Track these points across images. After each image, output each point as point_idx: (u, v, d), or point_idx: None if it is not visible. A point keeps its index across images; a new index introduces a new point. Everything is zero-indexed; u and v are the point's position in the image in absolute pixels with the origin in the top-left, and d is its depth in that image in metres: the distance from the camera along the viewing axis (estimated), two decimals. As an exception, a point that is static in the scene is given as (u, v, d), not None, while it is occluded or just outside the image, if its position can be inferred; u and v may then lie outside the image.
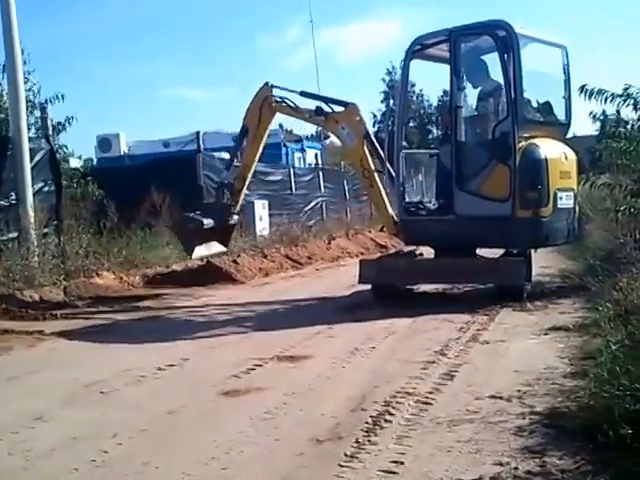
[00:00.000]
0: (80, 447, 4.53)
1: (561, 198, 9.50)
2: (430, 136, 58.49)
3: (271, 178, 19.43)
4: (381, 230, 12.79)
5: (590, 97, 8.24)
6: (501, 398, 5.13)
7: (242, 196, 11.74)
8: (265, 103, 11.17)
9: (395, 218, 10.38)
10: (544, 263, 12.52)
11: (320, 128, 21.28)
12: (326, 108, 10.90)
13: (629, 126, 8.99)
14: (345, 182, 23.79)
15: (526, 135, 9.44)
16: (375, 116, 62.52)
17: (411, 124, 63.52)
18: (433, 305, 9.39)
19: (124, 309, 10.10)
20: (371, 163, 10.58)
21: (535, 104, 10.07)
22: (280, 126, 23.40)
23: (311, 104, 11.06)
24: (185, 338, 7.99)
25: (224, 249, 11.91)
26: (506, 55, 9.33)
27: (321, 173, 22.99)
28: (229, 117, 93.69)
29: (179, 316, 9.54)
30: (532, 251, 10.15)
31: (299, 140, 27.05)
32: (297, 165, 24.89)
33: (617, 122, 11.05)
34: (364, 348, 7.02)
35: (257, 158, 11.67)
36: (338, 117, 10.79)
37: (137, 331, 8.55)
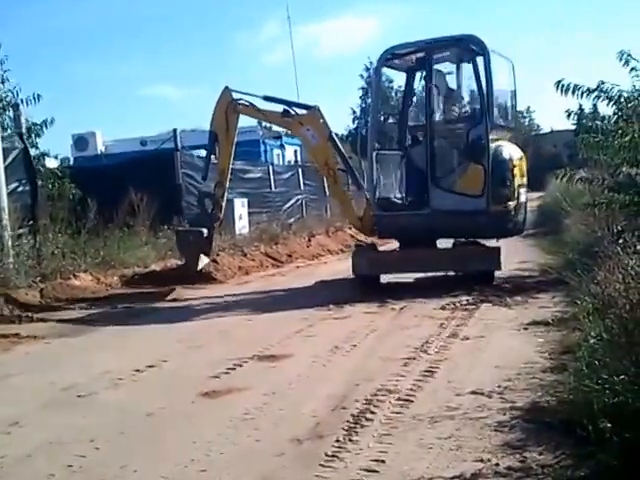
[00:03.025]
0: (57, 452, 4.48)
1: (521, 193, 10.44)
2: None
3: (250, 176, 19.40)
4: (355, 228, 12.95)
5: (566, 92, 8.27)
6: (482, 394, 5.15)
7: (224, 202, 12.05)
8: (229, 107, 11.57)
9: (359, 214, 11.14)
10: (523, 257, 12.59)
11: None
12: (291, 112, 11.39)
13: (605, 120, 9.03)
14: (325, 179, 23.81)
15: (493, 138, 10.27)
16: (354, 112, 62.60)
17: (391, 120, 63.64)
18: (411, 295, 9.67)
19: (102, 310, 10.04)
20: (335, 162, 11.24)
21: (498, 111, 10.88)
22: (259, 123, 23.31)
23: (275, 108, 11.53)
24: (164, 339, 7.96)
25: (207, 260, 12.22)
26: (478, 67, 10.22)
27: (301, 170, 22.97)
28: (206, 115, 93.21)
29: (158, 317, 9.48)
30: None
31: (278, 137, 26.93)
32: (276, 162, 24.86)
33: (594, 117, 11.21)
34: (345, 346, 7.02)
35: (231, 161, 12.03)
36: (303, 119, 11.34)
37: (115, 333, 8.49)
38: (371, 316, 8.60)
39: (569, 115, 9.77)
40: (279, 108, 11.46)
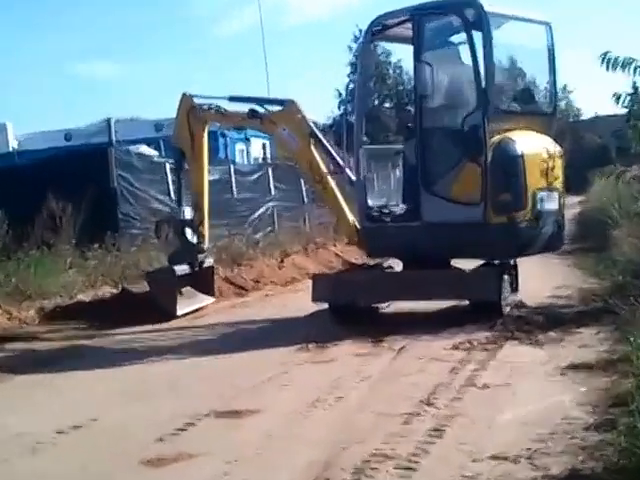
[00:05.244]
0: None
1: (542, 200, 10.29)
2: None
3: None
4: (349, 243, 13.19)
5: (614, 68, 8.32)
6: (505, 459, 5.14)
7: (206, 228, 12.62)
8: (192, 116, 12.08)
9: (358, 226, 11.11)
10: (559, 281, 12.63)
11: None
12: (261, 110, 11.72)
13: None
14: (302, 181, 23.81)
15: (501, 128, 10.21)
16: (340, 94, 62.77)
17: (387, 104, 63.94)
18: (413, 331, 9.65)
19: (14, 353, 9.98)
20: (322, 165, 11.38)
21: (512, 92, 11.07)
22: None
23: (243, 108, 11.94)
24: (97, 389, 7.92)
25: (211, 299, 12.94)
26: (475, 37, 10.16)
27: (271, 170, 23.00)
28: (151, 99, 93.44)
29: (89, 361, 9.42)
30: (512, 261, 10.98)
31: (241, 127, 26.98)
32: (240, 160, 24.87)
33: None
34: (328, 398, 6.99)
35: (207, 179, 12.58)
36: (276, 118, 11.64)
37: (30, 383, 8.42)
38: (362, 359, 8.59)
39: (618, 98, 9.80)
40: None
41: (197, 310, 12.57)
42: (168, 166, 16.67)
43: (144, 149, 19.79)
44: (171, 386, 7.93)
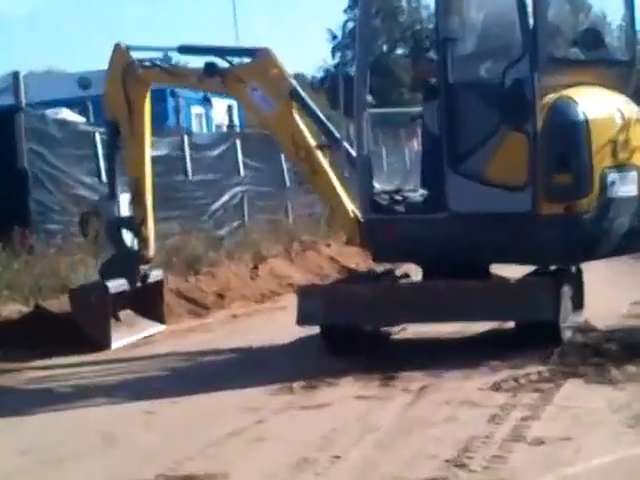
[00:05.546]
0: None
1: (614, 182, 10.20)
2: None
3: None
4: (348, 242, 13.24)
5: None
6: None
7: (151, 228, 12.64)
8: (128, 74, 11.99)
9: (360, 218, 11.05)
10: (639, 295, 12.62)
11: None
12: (223, 63, 11.68)
13: None
14: (283, 157, 23.76)
15: (557, 83, 10.15)
16: (335, 37, 63.01)
17: (399, 50, 64.14)
18: (436, 365, 9.63)
19: None
20: (309, 137, 11.38)
21: (572, 34, 11.05)
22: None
23: (198, 62, 12.05)
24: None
25: (161, 326, 12.99)
26: None
27: (239, 141, 23.03)
28: (74, 45, 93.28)
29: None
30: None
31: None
32: (197, 128, 24.83)
33: None
34: (320, 458, 6.95)
35: (149, 158, 12.56)
36: (243, 73, 11.61)
37: None
38: (367, 404, 8.58)
39: None
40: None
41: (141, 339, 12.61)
42: (99, 137, 16.60)
43: (66, 114, 19.74)
44: (104, 442, 7.88)
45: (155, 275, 12.96)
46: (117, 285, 12.16)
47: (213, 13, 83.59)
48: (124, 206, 12.53)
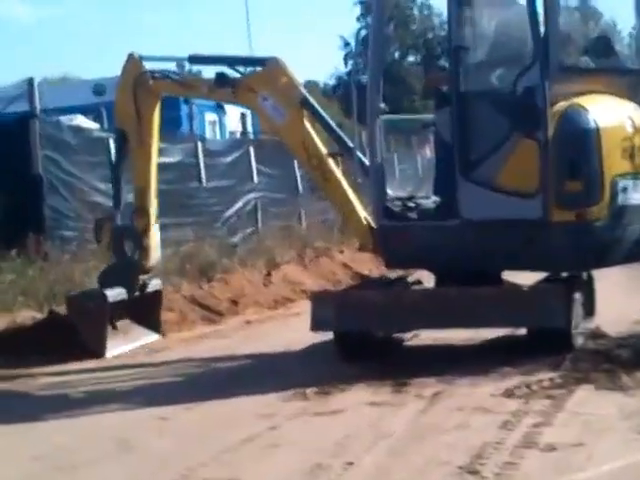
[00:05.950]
0: None
1: (625, 190, 10.25)
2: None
3: (163, 160, 19.27)
4: (361, 248, 13.28)
5: None
6: None
7: (153, 237, 12.51)
8: (139, 85, 11.98)
9: (372, 225, 11.10)
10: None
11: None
12: (233, 73, 11.71)
13: None
14: (297, 163, 23.75)
15: (568, 91, 10.19)
16: (347, 44, 62.96)
17: (411, 58, 64.09)
18: (449, 371, 9.63)
19: None
20: (320, 145, 11.40)
21: (582, 42, 11.06)
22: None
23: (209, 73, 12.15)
24: (10, 453, 7.87)
25: (155, 336, 12.94)
26: None
27: (253, 149, 23.00)
28: (89, 52, 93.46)
29: (6, 412, 9.35)
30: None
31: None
32: (210, 135, 24.79)
33: None
34: (333, 465, 6.96)
35: (155, 170, 12.51)
36: (253, 82, 11.63)
37: None
38: (379, 410, 8.58)
39: None
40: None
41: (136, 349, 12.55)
42: (113, 144, 16.59)
43: (80, 120, 19.73)
44: (119, 449, 7.88)
45: (154, 284, 12.94)
46: (116, 294, 12.16)
47: (226, 21, 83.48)
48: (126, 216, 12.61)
